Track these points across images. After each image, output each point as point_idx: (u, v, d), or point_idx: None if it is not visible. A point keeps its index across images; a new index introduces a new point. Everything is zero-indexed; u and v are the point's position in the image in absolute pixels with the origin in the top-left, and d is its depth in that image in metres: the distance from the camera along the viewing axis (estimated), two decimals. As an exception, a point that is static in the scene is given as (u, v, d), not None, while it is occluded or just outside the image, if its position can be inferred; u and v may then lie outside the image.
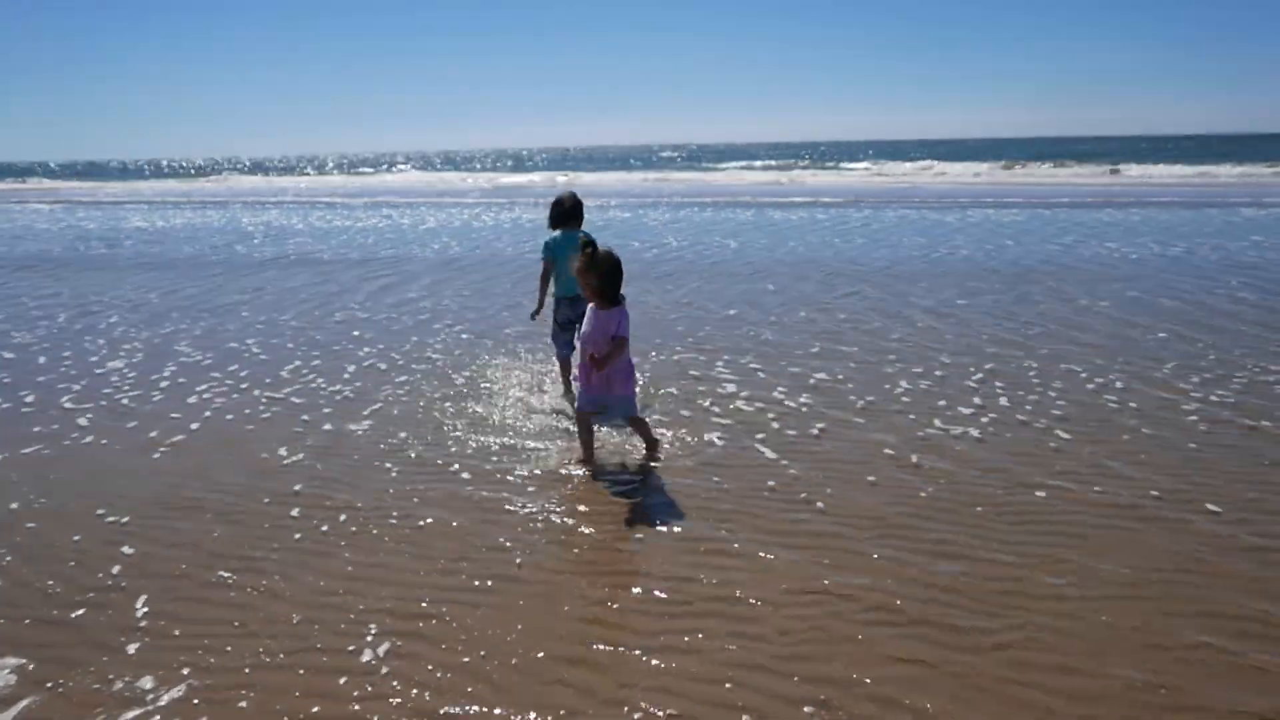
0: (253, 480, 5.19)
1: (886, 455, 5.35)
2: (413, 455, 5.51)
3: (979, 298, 10.46)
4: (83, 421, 6.39)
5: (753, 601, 3.67)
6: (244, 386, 7.22)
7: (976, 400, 6.39)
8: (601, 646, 3.39)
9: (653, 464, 5.21)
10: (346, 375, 7.49)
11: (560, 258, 6.29)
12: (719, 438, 5.71)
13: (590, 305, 5.04)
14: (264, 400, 6.79)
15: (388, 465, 5.35)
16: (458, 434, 5.85)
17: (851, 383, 6.93)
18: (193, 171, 78.11)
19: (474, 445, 5.62)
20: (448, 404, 6.52)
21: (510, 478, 5.07)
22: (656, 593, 3.76)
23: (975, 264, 13.29)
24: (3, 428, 6.31)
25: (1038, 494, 4.74)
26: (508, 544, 4.27)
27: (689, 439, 5.68)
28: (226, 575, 4.03)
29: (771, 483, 4.94)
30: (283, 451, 5.65)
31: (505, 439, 5.72)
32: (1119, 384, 6.74)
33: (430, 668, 3.29)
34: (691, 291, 11.21)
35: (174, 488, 5.09)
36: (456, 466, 5.27)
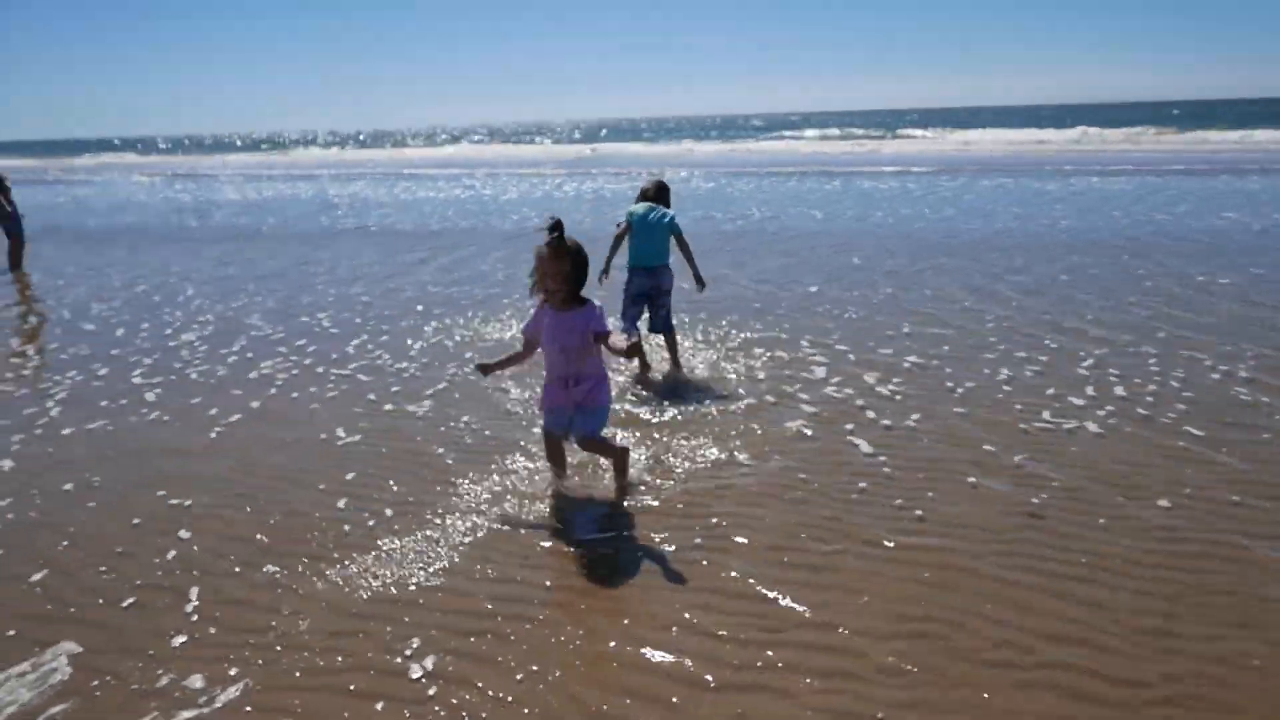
0: (308, 465, 4.94)
1: (991, 453, 4.81)
2: (471, 441, 5.19)
3: (1086, 274, 9.67)
4: (150, 397, 6.29)
5: (848, 631, 3.21)
6: (308, 362, 7.03)
7: (1089, 390, 5.77)
8: (673, 678, 2.98)
9: (622, 498, 4.32)
10: (413, 352, 7.24)
11: (639, 226, 6.12)
12: (807, 428, 5.25)
13: (545, 306, 4.19)
14: (332, 377, 6.58)
15: (443, 452, 5.04)
16: (520, 419, 5.51)
17: (949, 367, 6.36)
18: (263, 146, 79.69)
19: (537, 432, 5.27)
20: (511, 385, 6.20)
21: (575, 470, 4.70)
22: (736, 616, 3.32)
23: (1080, 236, 12.39)
24: (73, 402, 6.24)
25: (1170, 505, 4.15)
26: (569, 549, 3.91)
27: (776, 430, 5.22)
28: (276, 571, 3.77)
29: (864, 484, 4.45)
30: (340, 433, 5.41)
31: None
32: (1248, 373, 6.02)
33: (480, 690, 2.94)
34: (771, 265, 10.67)
35: (230, 472, 4.88)
36: (514, 458, 4.91)
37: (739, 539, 3.91)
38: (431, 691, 2.94)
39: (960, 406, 5.55)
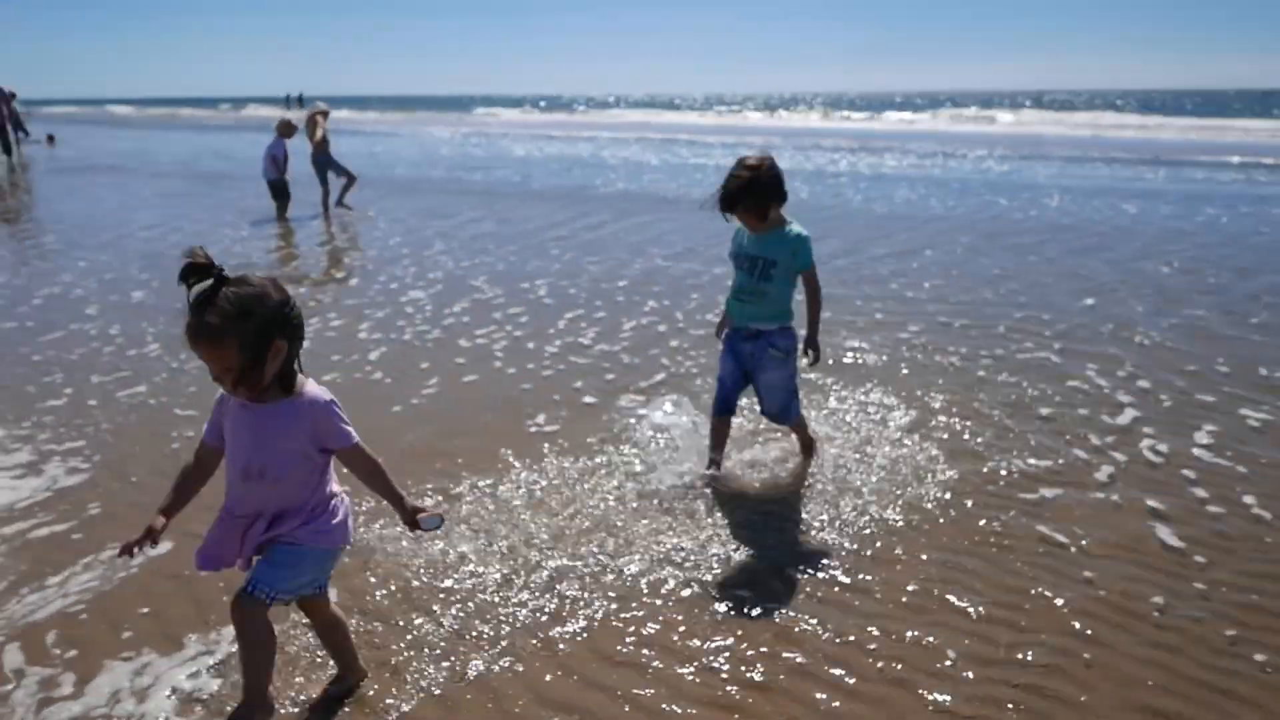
0: (506, 457, 4.39)
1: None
2: (681, 444, 4.44)
3: None
4: (374, 356, 6.16)
5: None
6: (519, 334, 6.63)
7: None
8: None
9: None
10: (623, 334, 6.63)
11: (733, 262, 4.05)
12: (1110, 495, 3.96)
13: (230, 398, 2.34)
14: (546, 356, 6.08)
15: (651, 463, 4.32)
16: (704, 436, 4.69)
17: (1308, 431, 4.68)
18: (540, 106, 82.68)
19: (735, 467, 4.42)
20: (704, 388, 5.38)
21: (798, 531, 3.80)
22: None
23: None
24: (312, 353, 6.20)
25: None
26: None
27: (1066, 501, 3.92)
28: (453, 597, 3.19)
29: (1160, 599, 3.16)
30: (540, 419, 4.89)
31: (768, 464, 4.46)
32: None
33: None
34: (1054, 270, 8.91)
35: (430, 463, 4.34)
36: (732, 508, 4.10)
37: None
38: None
39: (1326, 491, 3.97)
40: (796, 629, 3.01)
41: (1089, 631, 2.96)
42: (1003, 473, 4.18)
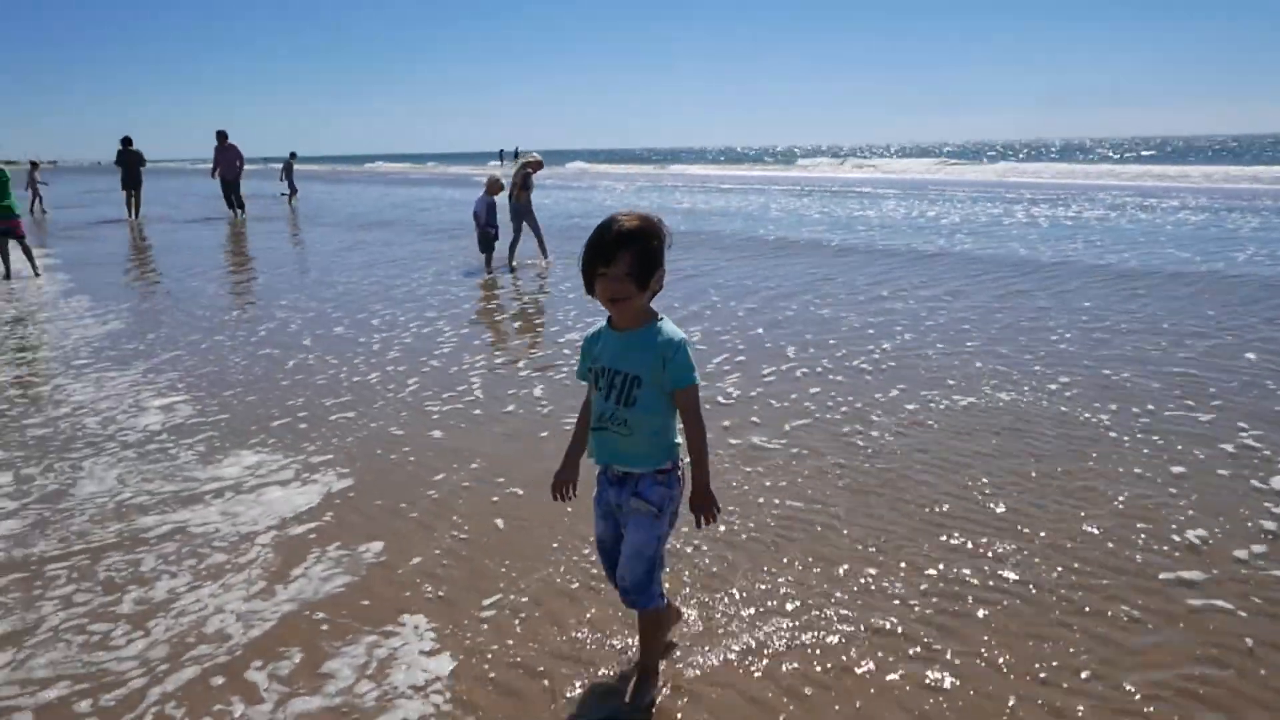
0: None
1: None
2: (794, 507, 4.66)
3: None
4: (538, 391, 6.59)
5: None
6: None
7: None
8: None
9: None
10: (765, 374, 6.86)
11: (585, 373, 2.89)
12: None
13: None
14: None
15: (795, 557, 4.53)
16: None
17: None
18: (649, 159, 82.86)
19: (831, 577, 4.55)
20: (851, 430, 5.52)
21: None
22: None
23: None
24: (490, 394, 6.69)
25: None
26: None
27: (1222, 579, 3.66)
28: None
29: None
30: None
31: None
32: None
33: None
34: (1217, 320, 8.40)
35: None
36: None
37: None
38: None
39: None
40: None
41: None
42: (1164, 548, 4.02)
